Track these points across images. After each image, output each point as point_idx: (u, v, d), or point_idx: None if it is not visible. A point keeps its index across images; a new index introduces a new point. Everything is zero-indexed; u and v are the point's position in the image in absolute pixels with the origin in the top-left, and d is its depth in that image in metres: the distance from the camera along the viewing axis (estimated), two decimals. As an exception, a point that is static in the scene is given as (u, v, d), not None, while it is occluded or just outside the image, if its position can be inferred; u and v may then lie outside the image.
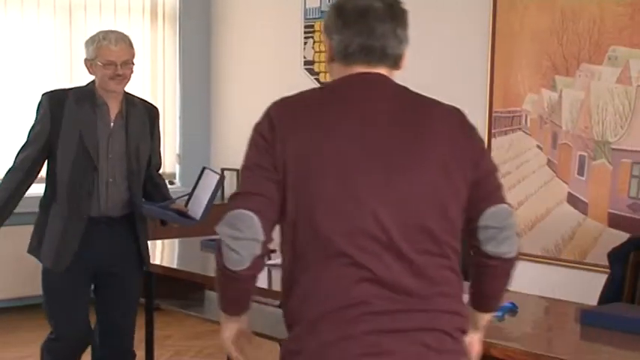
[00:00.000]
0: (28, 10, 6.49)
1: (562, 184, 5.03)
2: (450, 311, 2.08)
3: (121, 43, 3.69)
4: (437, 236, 2.07)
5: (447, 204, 2.08)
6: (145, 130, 3.84)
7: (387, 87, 2.20)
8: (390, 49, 2.19)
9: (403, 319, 2.01)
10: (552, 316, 3.61)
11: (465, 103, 5.90)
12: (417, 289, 2.03)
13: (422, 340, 2.02)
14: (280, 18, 6.65)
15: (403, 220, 2.03)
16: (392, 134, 2.09)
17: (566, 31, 4.98)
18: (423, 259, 2.05)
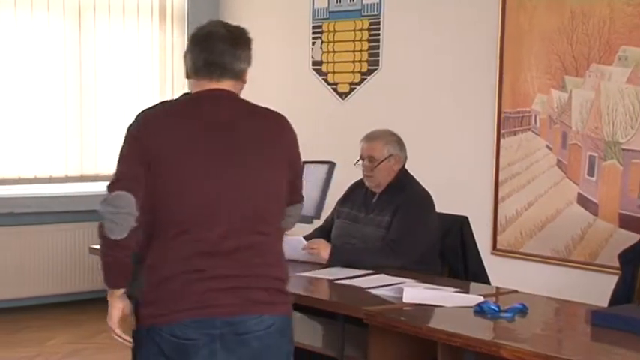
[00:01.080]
0: (38, 12, 6.51)
1: (572, 184, 5.02)
2: (271, 276, 2.69)
3: None
4: (264, 219, 2.69)
5: (272, 193, 2.71)
6: None
7: (228, 100, 2.75)
8: (229, 64, 2.73)
9: (232, 281, 2.61)
10: (562, 317, 3.60)
11: (474, 104, 5.98)
12: (244, 259, 2.63)
13: (246, 295, 2.63)
14: (288, 19, 6.65)
15: (237, 206, 2.63)
16: (229, 137, 2.67)
17: (575, 31, 4.97)
18: (252, 237, 2.65)
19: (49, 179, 6.68)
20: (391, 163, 4.22)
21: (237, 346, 2.63)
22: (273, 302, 2.69)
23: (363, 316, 3.38)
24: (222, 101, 2.73)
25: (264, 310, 2.66)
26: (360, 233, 4.22)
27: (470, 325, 3.25)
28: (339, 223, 4.33)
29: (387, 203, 4.20)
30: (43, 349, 5.63)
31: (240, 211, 2.63)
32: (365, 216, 4.25)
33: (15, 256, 6.41)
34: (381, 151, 4.21)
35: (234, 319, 2.61)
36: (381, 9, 6.05)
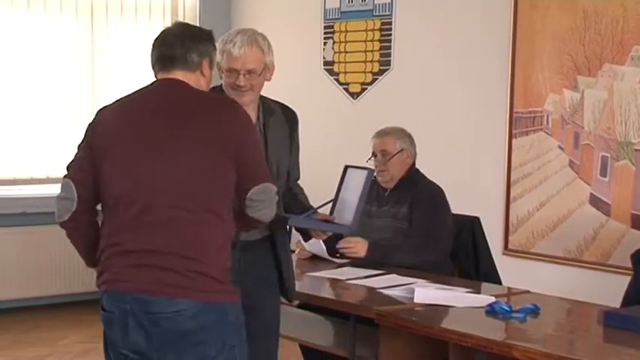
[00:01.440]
0: (51, 12, 6.54)
1: (584, 185, 5.01)
2: (186, 256, 2.67)
3: (245, 47, 3.22)
4: (188, 200, 2.70)
5: (200, 175, 2.71)
6: (285, 141, 3.36)
7: (173, 88, 2.85)
8: (178, 55, 2.85)
9: (146, 258, 2.67)
10: (575, 317, 3.59)
11: (486, 104, 5.97)
12: (164, 239, 2.68)
13: (156, 275, 2.66)
14: (300, 19, 6.65)
15: (164, 188, 2.70)
16: (164, 123, 2.76)
17: (588, 30, 4.95)
18: (175, 213, 2.68)
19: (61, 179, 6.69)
20: (404, 156, 4.30)
21: (148, 324, 2.67)
22: (188, 287, 2.67)
23: (375, 316, 3.39)
24: (168, 89, 2.85)
25: (176, 293, 2.66)
26: (375, 226, 4.25)
27: (481, 325, 3.25)
28: None
29: (400, 196, 4.26)
30: (55, 349, 5.65)
31: (162, 189, 2.70)
32: (377, 209, 4.30)
33: (27, 255, 6.44)
34: (394, 145, 4.30)
35: (143, 297, 2.66)
36: (393, 9, 6.05)
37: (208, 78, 2.92)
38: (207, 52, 2.90)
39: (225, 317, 2.73)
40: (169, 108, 2.80)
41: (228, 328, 2.74)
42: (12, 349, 5.63)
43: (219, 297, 2.72)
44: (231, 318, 2.75)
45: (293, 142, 3.41)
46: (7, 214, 6.39)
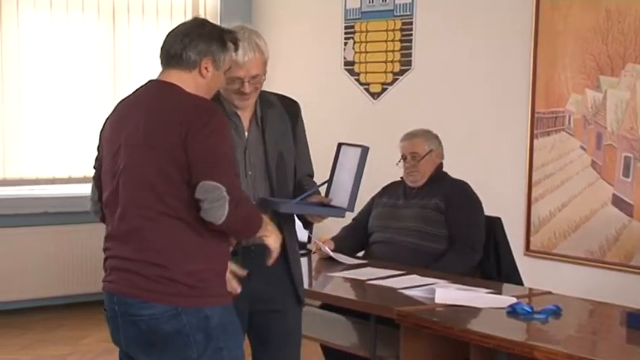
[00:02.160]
0: (73, 13, 6.57)
1: (607, 185, 4.99)
2: (147, 262, 2.71)
3: (249, 53, 3.08)
4: (145, 204, 2.71)
5: (153, 182, 2.70)
6: (286, 132, 3.23)
7: (151, 90, 2.86)
8: (173, 50, 2.81)
9: (125, 263, 2.75)
10: (597, 318, 3.58)
11: (507, 104, 5.95)
12: (128, 242, 2.74)
13: (133, 280, 2.73)
14: (321, 19, 6.66)
15: (128, 191, 2.74)
16: (136, 130, 2.75)
17: (611, 30, 4.93)
18: (144, 222, 2.72)
19: (83, 179, 6.72)
20: (433, 156, 4.41)
21: (131, 325, 2.76)
22: (159, 291, 2.71)
23: (395, 316, 3.40)
24: (147, 92, 2.85)
25: (150, 297, 2.71)
26: (401, 215, 4.35)
27: (503, 326, 3.25)
28: (377, 212, 4.48)
29: (429, 191, 4.36)
30: (77, 348, 5.68)
31: (129, 196, 2.74)
32: (404, 201, 4.41)
33: (49, 255, 6.47)
34: (423, 147, 4.40)
35: (125, 299, 2.75)
36: (414, 9, 6.04)
37: (210, 79, 2.82)
38: (209, 52, 2.80)
39: (205, 321, 2.72)
40: (144, 112, 2.77)
41: (212, 332, 2.73)
42: (34, 348, 5.66)
43: (194, 301, 2.72)
44: (215, 321, 2.73)
45: (296, 133, 3.26)
46: (29, 213, 6.43)
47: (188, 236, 2.71)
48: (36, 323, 6.20)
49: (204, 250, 2.74)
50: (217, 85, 2.90)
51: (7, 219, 6.34)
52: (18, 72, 6.39)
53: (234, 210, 2.65)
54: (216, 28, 2.89)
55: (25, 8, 6.37)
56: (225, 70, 2.88)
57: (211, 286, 2.75)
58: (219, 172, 2.67)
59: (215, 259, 2.78)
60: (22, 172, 6.47)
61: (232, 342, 2.79)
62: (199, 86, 2.81)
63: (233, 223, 2.68)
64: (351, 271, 4.04)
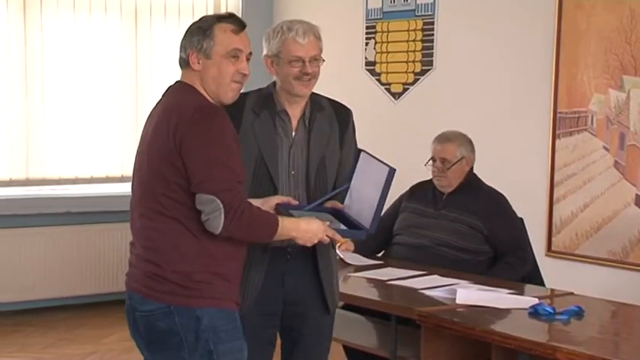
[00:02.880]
0: (96, 14, 6.60)
1: (630, 186, 4.96)
2: (146, 260, 2.77)
3: (309, 35, 3.10)
4: (146, 205, 2.76)
5: (152, 183, 2.74)
6: (333, 138, 3.20)
7: (172, 90, 2.88)
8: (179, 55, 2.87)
9: (136, 259, 2.83)
10: (619, 320, 3.58)
11: (529, 104, 5.92)
12: (137, 240, 2.82)
13: (134, 275, 2.82)
14: (342, 18, 6.66)
15: (137, 193, 2.81)
16: (150, 127, 2.80)
17: (634, 29, 4.91)
18: (145, 220, 2.77)
19: (105, 179, 6.77)
20: (463, 164, 4.30)
21: (137, 320, 2.83)
22: (154, 289, 2.75)
23: (416, 317, 3.40)
24: (170, 91, 2.87)
25: (147, 294, 2.77)
26: (428, 227, 4.28)
27: (524, 327, 3.25)
28: (404, 216, 4.38)
29: (460, 201, 4.26)
30: (99, 347, 5.70)
31: (137, 196, 2.82)
32: (434, 211, 4.31)
33: (72, 254, 6.51)
34: (454, 153, 4.29)
35: (132, 294, 2.83)
36: (435, 9, 6.04)
37: (204, 70, 2.79)
38: (189, 44, 2.82)
39: (195, 321, 2.73)
40: (156, 115, 2.81)
41: (201, 333, 2.74)
42: (56, 346, 5.69)
43: (186, 301, 2.73)
44: (205, 323, 2.74)
45: (344, 139, 3.24)
46: (52, 213, 6.46)
47: (184, 237, 2.73)
48: (58, 322, 6.23)
49: (200, 252, 2.74)
50: (220, 73, 2.80)
51: (30, 219, 6.38)
52: (41, 73, 6.43)
53: (233, 219, 2.66)
54: (202, 19, 2.87)
55: (48, 9, 6.41)
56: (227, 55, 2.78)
57: (207, 288, 2.74)
58: (214, 183, 2.67)
59: (216, 262, 2.76)
60: (45, 173, 6.51)
61: (224, 346, 2.76)
62: (198, 80, 2.81)
63: (234, 232, 2.70)
64: (371, 271, 4.05)
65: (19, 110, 6.37)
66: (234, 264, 2.82)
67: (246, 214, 2.69)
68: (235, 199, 2.68)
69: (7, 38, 6.29)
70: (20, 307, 6.38)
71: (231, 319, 2.79)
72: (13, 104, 6.35)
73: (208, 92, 2.82)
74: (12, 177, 6.40)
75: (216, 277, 2.76)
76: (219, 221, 2.65)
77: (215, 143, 2.69)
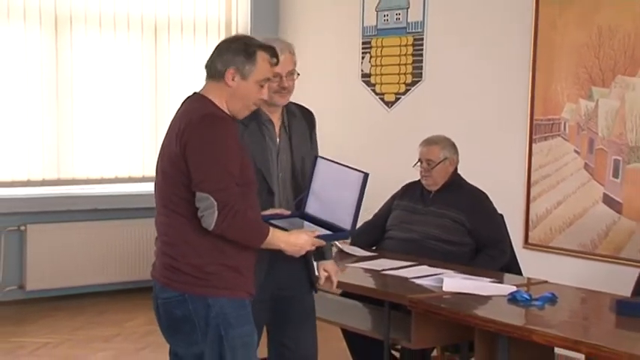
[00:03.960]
0: (120, 32, 6.60)
1: (598, 185, 4.96)
2: (163, 252, 2.79)
3: (285, 52, 3.13)
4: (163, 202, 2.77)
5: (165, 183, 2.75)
6: (306, 140, 3.29)
7: (188, 100, 2.84)
8: (207, 63, 2.82)
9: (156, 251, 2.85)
10: (589, 305, 3.57)
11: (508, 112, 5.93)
12: (158, 235, 2.82)
13: (156, 266, 2.83)
14: (341, 35, 6.66)
15: (156, 193, 2.80)
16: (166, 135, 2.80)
17: (602, 45, 4.91)
18: (162, 217, 2.79)
19: (128, 179, 6.77)
20: (446, 164, 4.31)
21: (158, 307, 2.84)
22: (170, 278, 2.75)
23: (407, 303, 3.41)
24: (187, 101, 2.84)
25: (164, 282, 2.78)
26: (417, 222, 4.29)
27: (504, 312, 3.25)
28: (396, 214, 4.40)
29: (446, 199, 4.27)
30: (123, 330, 5.72)
31: (157, 196, 2.82)
32: (423, 208, 4.32)
33: (98, 247, 6.51)
34: (438, 155, 4.31)
35: (155, 282, 2.84)
36: (424, 27, 6.04)
37: (237, 89, 2.76)
38: (233, 62, 2.75)
39: (206, 309, 2.72)
40: (172, 123, 2.81)
41: (212, 320, 2.72)
42: (85, 329, 5.71)
43: (199, 290, 2.72)
44: (216, 311, 2.71)
45: (312, 138, 3.32)
46: (80, 210, 6.48)
47: (194, 233, 2.70)
48: (86, 308, 6.25)
49: (211, 246, 2.70)
50: (248, 94, 2.79)
51: (60, 215, 6.40)
52: (71, 85, 6.43)
53: (225, 218, 2.63)
54: (247, 42, 2.81)
55: (77, 28, 6.42)
56: (259, 81, 2.79)
57: (218, 279, 2.72)
58: (210, 182, 2.64)
59: (226, 255, 2.73)
60: (74, 173, 6.52)
61: (233, 332, 2.74)
62: (226, 95, 2.77)
63: (226, 231, 2.66)
64: (367, 262, 4.05)
65: (50, 118, 6.39)
66: (245, 255, 2.78)
67: (239, 216, 2.64)
68: (230, 200, 2.63)
69: (40, 53, 6.30)
70: (52, 294, 6.39)
71: (241, 307, 2.77)
72: (46, 113, 6.37)
73: (229, 106, 2.78)
74: (45, 177, 6.41)
75: (227, 269, 2.73)
76: (212, 219, 2.62)
77: (214, 147, 2.66)
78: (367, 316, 4.08)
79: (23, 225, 6.27)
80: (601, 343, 2.82)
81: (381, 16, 6.35)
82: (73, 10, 6.38)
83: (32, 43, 6.27)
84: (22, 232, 6.28)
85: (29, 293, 6.31)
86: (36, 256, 6.28)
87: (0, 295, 6.23)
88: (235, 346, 2.74)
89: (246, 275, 2.80)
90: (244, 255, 2.77)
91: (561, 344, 2.94)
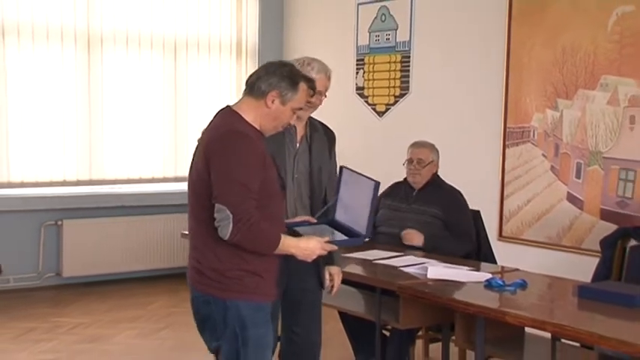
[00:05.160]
0: (144, 50, 6.59)
1: (562, 185, 4.98)
2: (191, 255, 2.70)
3: (321, 73, 3.15)
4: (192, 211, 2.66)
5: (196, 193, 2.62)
6: (325, 153, 3.26)
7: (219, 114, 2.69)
8: (250, 80, 2.66)
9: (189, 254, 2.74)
10: (555, 290, 3.58)
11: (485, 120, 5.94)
12: (189, 238, 2.72)
13: (188, 268, 2.73)
14: (338, 53, 6.66)
15: (189, 199, 2.67)
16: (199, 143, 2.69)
17: (566, 63, 4.93)
18: (190, 222, 2.68)
19: (151, 179, 6.76)
20: (432, 166, 4.32)
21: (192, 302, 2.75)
22: (195, 279, 2.67)
23: (397, 289, 3.41)
24: (218, 115, 2.71)
25: (192, 283, 2.71)
26: (402, 219, 4.26)
27: (480, 296, 3.25)
28: (382, 212, 4.36)
29: (428, 197, 4.26)
30: (146, 312, 5.72)
31: (189, 205, 2.70)
32: (407, 206, 4.30)
33: (125, 239, 6.51)
34: (428, 156, 4.31)
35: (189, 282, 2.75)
36: (411, 46, 6.05)
37: (274, 111, 2.63)
38: (277, 86, 2.62)
39: (225, 311, 2.61)
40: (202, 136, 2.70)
41: (229, 320, 2.61)
42: (112, 311, 5.72)
43: (218, 293, 2.61)
44: (233, 313, 2.60)
45: (331, 155, 3.30)
46: (109, 206, 6.48)
47: (214, 240, 2.57)
48: (114, 292, 6.25)
49: (232, 253, 2.57)
50: (282, 117, 2.66)
51: (92, 211, 6.40)
52: (101, 97, 6.42)
53: (240, 230, 2.49)
54: (294, 70, 2.68)
55: (107, 47, 6.42)
56: (294, 108, 2.67)
57: (237, 283, 2.60)
58: (227, 196, 2.50)
59: (246, 261, 2.59)
60: (104, 174, 6.52)
61: (248, 333, 2.61)
62: (261, 115, 2.63)
63: (241, 241, 2.52)
64: (360, 252, 4.05)
65: (83, 126, 6.38)
66: (265, 260, 2.63)
67: (252, 229, 2.51)
68: (244, 214, 2.50)
69: (75, 69, 6.31)
70: (85, 280, 6.39)
71: (258, 310, 2.64)
72: (79, 122, 6.36)
73: (262, 124, 2.65)
74: (78, 178, 6.41)
75: (247, 274, 2.60)
76: (227, 230, 2.50)
77: (234, 162, 2.53)
78: (361, 300, 4.08)
79: (60, 220, 6.28)
80: (565, 323, 2.83)
81: (373, 37, 6.36)
82: (104, 32, 6.38)
83: (68, 61, 6.27)
84: (58, 227, 6.29)
85: (65, 279, 6.32)
86: (71, 247, 6.29)
87: (40, 281, 6.24)
88: (249, 345, 2.62)
89: (267, 278, 2.66)
90: (264, 260, 2.63)
91: (531, 324, 2.94)
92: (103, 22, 6.37)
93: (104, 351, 4.81)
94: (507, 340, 3.47)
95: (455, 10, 5.70)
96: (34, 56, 6.13)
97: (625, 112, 4.63)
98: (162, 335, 5.09)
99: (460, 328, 3.43)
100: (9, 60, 6.04)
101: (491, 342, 3.27)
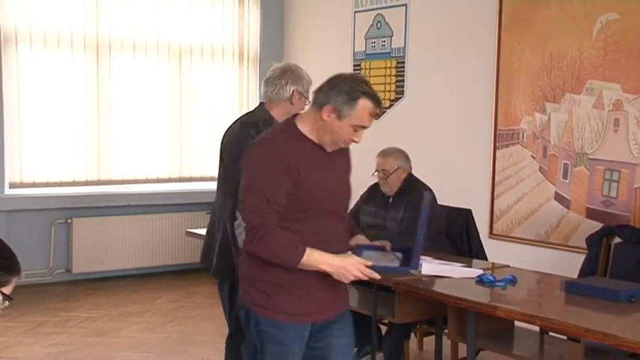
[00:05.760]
0: (151, 56, 6.60)
1: (550, 185, 4.98)
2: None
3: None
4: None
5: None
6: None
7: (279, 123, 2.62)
8: (316, 89, 2.51)
9: None
10: (543, 286, 3.58)
11: (476, 123, 5.94)
12: None
13: None
14: (335, 58, 6.68)
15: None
16: None
17: (553, 68, 4.93)
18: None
19: (157, 180, 6.77)
20: (399, 173, 4.14)
21: None
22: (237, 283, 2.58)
23: (392, 284, 3.40)
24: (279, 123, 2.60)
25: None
26: (380, 225, 4.15)
27: (472, 291, 3.25)
28: (363, 219, 4.22)
29: (401, 202, 4.13)
30: (153, 306, 5.73)
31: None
32: (385, 214, 4.18)
33: (132, 237, 6.52)
34: (392, 165, 4.14)
35: None
36: (406, 52, 6.06)
37: (329, 125, 2.43)
38: (333, 100, 2.44)
39: (248, 318, 2.50)
40: None
41: (252, 329, 2.50)
42: (120, 305, 5.73)
43: (248, 303, 2.49)
44: (253, 323, 2.47)
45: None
46: (117, 206, 6.49)
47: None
48: (121, 288, 6.26)
49: (263, 266, 2.40)
50: (339, 133, 2.44)
51: (100, 210, 6.41)
52: (109, 101, 6.43)
53: (253, 239, 2.35)
54: (355, 85, 2.41)
55: (115, 53, 6.42)
56: (354, 125, 2.44)
57: (263, 297, 2.43)
58: (244, 204, 2.38)
59: (275, 275, 2.40)
60: (112, 175, 6.53)
61: (265, 347, 2.46)
62: (318, 127, 2.45)
63: (255, 250, 2.37)
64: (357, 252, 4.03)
65: (92, 129, 6.39)
66: (298, 276, 2.40)
67: (265, 238, 2.33)
68: (257, 223, 2.33)
69: (84, 75, 6.31)
70: (94, 276, 6.41)
71: (275, 327, 2.43)
72: (88, 125, 6.37)
73: (318, 135, 2.45)
74: (87, 178, 6.42)
75: (277, 288, 2.41)
76: (242, 238, 2.43)
77: (251, 170, 2.38)
78: (358, 296, 4.09)
79: (70, 219, 6.29)
80: (553, 317, 2.84)
81: (369, 43, 6.36)
82: (112, 39, 6.39)
83: (78, 66, 6.27)
84: (68, 225, 6.30)
85: (75, 275, 6.32)
86: (80, 245, 6.30)
87: (51, 277, 6.25)
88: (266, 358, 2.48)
89: (296, 293, 2.42)
90: (297, 275, 2.39)
91: (520, 318, 2.95)
92: (111, 29, 6.38)
93: (112, 344, 4.81)
94: (498, 334, 3.48)
95: (448, 18, 5.71)
96: (46, 62, 6.14)
97: (609, 116, 4.64)
98: (168, 329, 5.09)
99: (453, 322, 3.43)
100: (22, 65, 6.05)
101: (483, 335, 3.28)
